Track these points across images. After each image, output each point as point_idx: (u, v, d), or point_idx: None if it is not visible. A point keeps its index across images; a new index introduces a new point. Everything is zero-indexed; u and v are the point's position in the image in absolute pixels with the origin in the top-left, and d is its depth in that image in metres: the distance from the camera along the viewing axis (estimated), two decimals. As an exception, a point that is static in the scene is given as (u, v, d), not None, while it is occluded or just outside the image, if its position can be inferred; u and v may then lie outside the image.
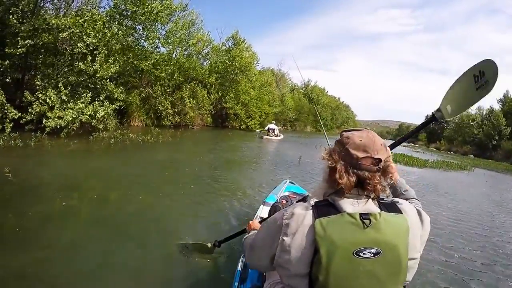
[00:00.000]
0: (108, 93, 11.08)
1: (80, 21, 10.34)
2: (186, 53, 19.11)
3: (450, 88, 1.72)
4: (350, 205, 1.10)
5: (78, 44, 10.04)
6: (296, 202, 1.68)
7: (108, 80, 11.09)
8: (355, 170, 1.10)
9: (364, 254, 1.04)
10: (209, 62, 24.18)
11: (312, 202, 1.17)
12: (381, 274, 1.07)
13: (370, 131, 1.19)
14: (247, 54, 24.35)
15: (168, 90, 17.41)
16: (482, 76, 1.53)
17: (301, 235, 1.10)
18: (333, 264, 1.03)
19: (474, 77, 1.57)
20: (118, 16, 13.64)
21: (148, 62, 15.09)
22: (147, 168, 6.97)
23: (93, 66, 10.23)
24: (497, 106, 48.44)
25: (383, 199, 1.18)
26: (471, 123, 47.97)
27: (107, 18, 12.68)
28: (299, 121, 46.04)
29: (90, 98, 10.10)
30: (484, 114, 48.71)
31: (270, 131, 20.25)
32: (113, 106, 11.05)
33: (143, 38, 15.16)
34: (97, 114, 10.05)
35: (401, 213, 1.14)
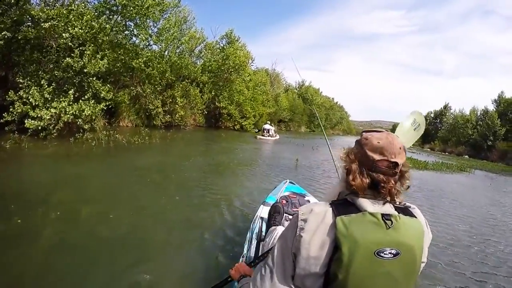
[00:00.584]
0: (94, 91, 10.46)
1: (64, 11, 9.67)
2: (178, 51, 18.51)
3: (399, 125, 2.34)
4: (371, 205, 1.10)
5: (63, 35, 9.38)
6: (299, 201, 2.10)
7: (95, 78, 10.50)
8: (370, 172, 1.11)
9: (384, 254, 1.03)
10: (203, 60, 23.58)
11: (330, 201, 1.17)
12: (398, 275, 1.07)
13: (390, 134, 1.17)
14: (242, 53, 23.75)
15: (159, 89, 16.75)
16: (415, 121, 2.28)
17: (321, 233, 1.08)
18: (354, 263, 1.02)
19: (413, 121, 2.29)
20: (107, 12, 13.12)
21: (140, 60, 14.53)
22: (128, 175, 6.18)
23: (81, 61, 9.62)
24: (491, 107, 49.03)
25: (397, 202, 1.17)
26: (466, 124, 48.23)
27: (96, 13, 12.09)
28: (294, 122, 45.82)
29: (74, 96, 9.36)
30: (479, 114, 49.46)
31: (265, 131, 20.32)
32: (101, 106, 10.42)
33: (134, 35, 14.51)
34: (83, 113, 9.39)
35: (415, 217, 1.15)
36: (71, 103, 9.15)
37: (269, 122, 22.92)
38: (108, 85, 11.65)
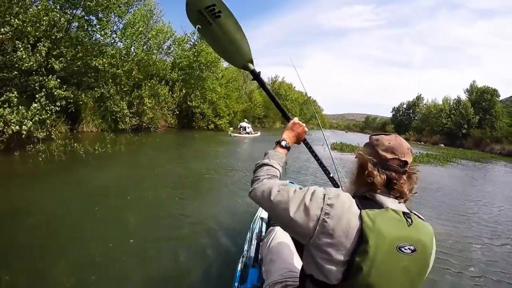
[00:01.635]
0: (48, 91, 9.23)
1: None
2: (145, 47, 17.05)
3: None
4: (390, 202, 1.15)
5: (2, 29, 8.10)
6: None
7: (52, 77, 9.37)
8: (383, 170, 1.16)
9: (405, 249, 1.06)
10: (172, 57, 22.20)
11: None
12: (414, 271, 1.10)
13: (398, 136, 1.24)
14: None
15: (125, 89, 15.34)
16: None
17: (347, 222, 1.08)
18: (379, 256, 1.03)
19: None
20: (67, 5, 11.92)
21: (104, 60, 13.33)
22: (76, 202, 4.65)
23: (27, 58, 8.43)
24: (463, 96, 50.91)
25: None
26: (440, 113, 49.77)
27: (52, 6, 10.78)
28: (268, 118, 45.17)
29: (15, 100, 7.75)
30: (451, 104, 50.91)
31: (241, 129, 20.62)
32: (52, 107, 9.06)
33: (95, 30, 13.16)
34: (32, 119, 7.99)
35: (424, 220, 1.19)
36: (13, 109, 7.69)
37: (245, 120, 23.18)
38: (65, 85, 10.43)
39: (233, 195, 5.71)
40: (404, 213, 1.11)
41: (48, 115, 9.18)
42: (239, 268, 2.32)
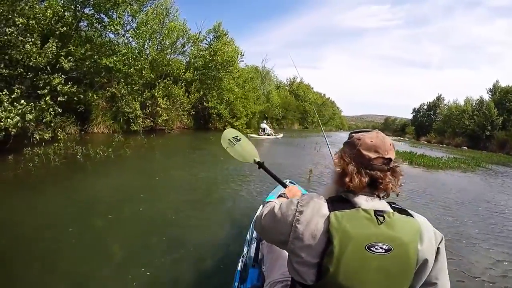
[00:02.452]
0: (52, 89, 8.69)
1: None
2: (159, 47, 16.40)
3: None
4: (365, 201, 1.14)
5: (7, 30, 7.63)
6: None
7: (59, 75, 8.85)
8: (368, 171, 1.14)
9: (376, 249, 1.06)
10: (188, 56, 21.54)
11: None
12: (391, 271, 1.08)
13: (379, 132, 1.22)
14: (230, 48, 21.81)
15: (136, 89, 14.65)
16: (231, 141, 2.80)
17: (315, 224, 1.12)
18: (345, 256, 1.05)
19: (228, 142, 2.80)
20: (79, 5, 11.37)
21: (114, 59, 12.74)
22: (60, 220, 3.82)
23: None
24: (486, 96, 48.58)
25: (394, 203, 1.21)
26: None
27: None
28: (286, 119, 44.31)
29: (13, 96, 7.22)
30: (474, 104, 48.69)
31: (261, 130, 20.95)
32: (56, 108, 8.58)
33: (105, 27, 12.55)
34: (26, 117, 7.39)
35: (412, 216, 1.16)
36: (13, 107, 7.12)
37: (265, 121, 22.60)
38: (75, 84, 9.89)
39: (234, 197, 5.54)
40: (376, 211, 1.10)
41: (52, 115, 8.67)
42: (239, 268, 2.36)
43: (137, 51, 15.07)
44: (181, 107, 18.00)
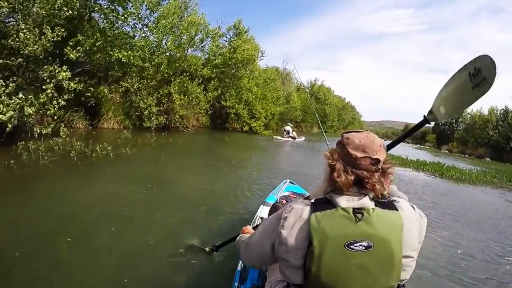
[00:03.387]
0: (57, 83, 7.99)
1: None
2: (177, 42, 15.39)
3: (443, 87, 1.57)
4: (345, 201, 1.15)
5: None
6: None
7: (64, 67, 8.13)
8: (354, 169, 1.16)
9: (355, 247, 1.07)
10: (207, 53, 20.68)
11: (312, 200, 1.23)
12: (373, 268, 1.10)
13: (370, 133, 1.23)
14: (250, 46, 20.90)
15: (152, 84, 13.89)
16: (478, 73, 1.36)
17: (297, 228, 1.15)
18: (325, 256, 1.08)
19: (469, 75, 1.41)
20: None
21: (129, 53, 12.08)
22: (18, 228, 3.23)
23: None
24: None
25: (381, 198, 1.20)
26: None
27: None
28: (306, 122, 43.18)
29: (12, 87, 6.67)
30: (498, 114, 46.88)
31: (285, 132, 20.44)
32: (60, 100, 7.94)
33: (120, 19, 11.82)
34: (25, 110, 6.68)
35: (396, 210, 1.16)
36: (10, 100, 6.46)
37: (289, 124, 22.35)
38: (85, 77, 9.27)
39: (236, 201, 5.25)
40: (354, 209, 1.11)
41: (56, 108, 8.05)
42: (239, 268, 2.32)
43: (155, 45, 14.39)
44: (198, 105, 17.11)
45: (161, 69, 13.78)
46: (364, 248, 1.07)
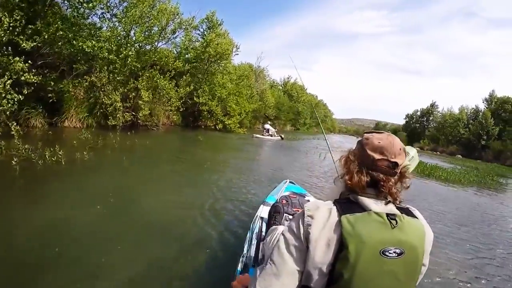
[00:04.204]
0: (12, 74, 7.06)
1: None
2: (147, 33, 14.06)
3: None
4: (374, 204, 1.09)
5: None
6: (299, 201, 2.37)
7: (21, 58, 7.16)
8: (370, 171, 1.12)
9: (389, 253, 1.03)
10: (179, 47, 19.70)
11: (332, 200, 1.17)
12: (401, 274, 1.07)
13: (391, 135, 1.18)
14: (224, 41, 20.09)
15: (119, 79, 12.77)
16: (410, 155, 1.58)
17: (327, 230, 1.07)
18: (360, 262, 1.01)
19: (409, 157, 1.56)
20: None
21: (94, 43, 11.02)
22: None
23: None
24: (482, 106, 49.32)
25: (397, 203, 1.16)
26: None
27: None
28: (279, 120, 42.76)
29: None
30: (469, 113, 49.60)
31: (265, 131, 20.63)
32: (15, 95, 6.99)
33: (84, 4, 10.74)
34: None
35: (417, 218, 1.15)
36: None
37: (269, 122, 23.63)
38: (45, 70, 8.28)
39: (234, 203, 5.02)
40: (388, 214, 1.07)
41: (10, 105, 7.28)
42: (239, 268, 2.30)
43: (123, 36, 13.21)
44: (168, 102, 16.06)
45: (128, 62, 12.68)
46: (396, 255, 1.03)
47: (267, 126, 21.25)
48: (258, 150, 13.95)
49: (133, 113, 13.66)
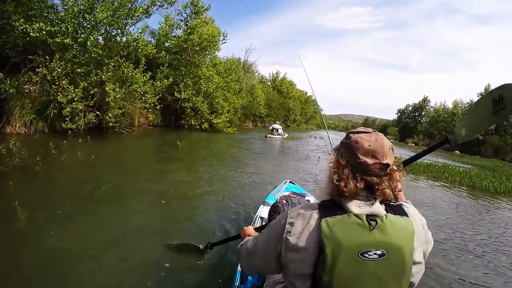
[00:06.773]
0: None
1: None
2: (112, 12, 10.89)
3: (468, 111, 1.79)
4: (357, 206, 1.05)
5: None
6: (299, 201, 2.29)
7: None
8: (364, 176, 1.06)
9: (369, 255, 1.00)
10: (156, 35, 17.03)
11: (318, 202, 1.15)
12: (385, 276, 1.03)
13: (378, 134, 1.12)
14: (210, 29, 17.46)
15: (79, 70, 10.01)
16: (500, 100, 1.28)
17: (306, 235, 1.05)
18: (338, 265, 0.99)
19: (492, 101, 1.32)
20: None
21: (41, 25, 8.82)
22: None
23: None
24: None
25: (390, 201, 1.12)
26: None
27: None
28: (269, 117, 40.47)
29: None
30: (464, 108, 48.28)
31: (274, 130, 21.13)
32: None
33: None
34: None
35: (407, 216, 1.10)
36: None
37: (277, 122, 24.26)
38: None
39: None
40: (368, 216, 1.02)
41: None
42: (239, 268, 2.29)
43: (80, 15, 10.42)
44: (142, 98, 13.01)
45: (88, 46, 9.96)
46: (377, 256, 0.99)
47: (276, 126, 22.03)
48: (257, 158, 10.77)
49: (97, 112, 10.90)
